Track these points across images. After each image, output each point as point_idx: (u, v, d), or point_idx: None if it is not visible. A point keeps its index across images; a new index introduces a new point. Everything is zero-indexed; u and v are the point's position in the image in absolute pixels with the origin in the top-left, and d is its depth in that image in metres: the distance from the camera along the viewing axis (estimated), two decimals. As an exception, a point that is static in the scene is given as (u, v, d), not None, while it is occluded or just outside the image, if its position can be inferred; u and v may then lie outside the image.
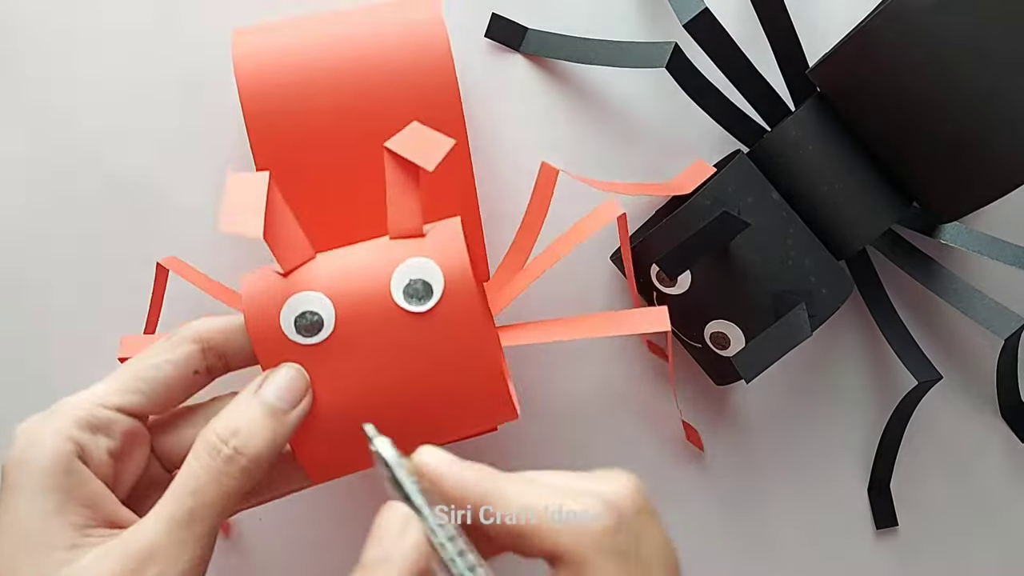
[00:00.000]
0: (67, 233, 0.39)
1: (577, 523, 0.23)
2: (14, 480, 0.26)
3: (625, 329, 0.32)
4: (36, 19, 0.39)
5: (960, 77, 0.33)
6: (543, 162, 0.35)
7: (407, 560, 0.23)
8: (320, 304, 0.28)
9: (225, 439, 0.26)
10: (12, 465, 0.26)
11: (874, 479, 0.42)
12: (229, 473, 0.26)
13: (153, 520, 0.26)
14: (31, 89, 0.39)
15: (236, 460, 0.26)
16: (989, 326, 0.38)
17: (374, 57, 0.34)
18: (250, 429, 0.26)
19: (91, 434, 0.27)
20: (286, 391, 0.27)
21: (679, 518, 0.42)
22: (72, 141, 0.39)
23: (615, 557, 0.23)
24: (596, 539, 0.23)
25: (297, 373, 0.28)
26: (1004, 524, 0.43)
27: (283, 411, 0.27)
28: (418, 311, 0.28)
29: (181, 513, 0.25)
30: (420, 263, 0.28)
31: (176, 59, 0.39)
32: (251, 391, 0.27)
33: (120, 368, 0.28)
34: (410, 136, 0.29)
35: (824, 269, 0.36)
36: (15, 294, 0.39)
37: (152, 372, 0.28)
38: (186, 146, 0.39)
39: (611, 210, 0.33)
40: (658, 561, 0.24)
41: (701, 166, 0.39)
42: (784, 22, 0.38)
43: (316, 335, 0.28)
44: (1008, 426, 0.43)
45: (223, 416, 0.27)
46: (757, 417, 0.42)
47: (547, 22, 0.41)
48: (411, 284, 0.28)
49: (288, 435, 0.27)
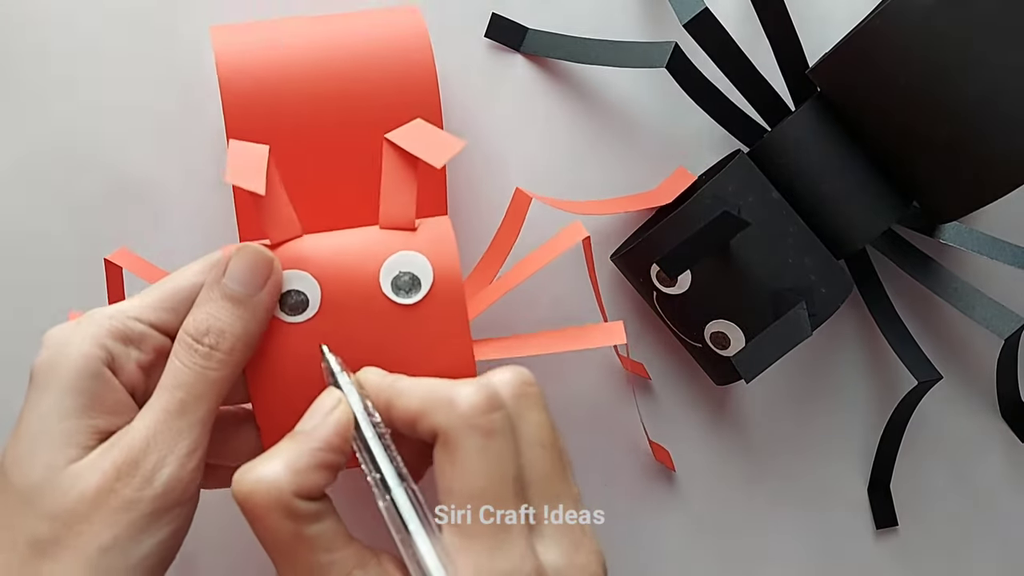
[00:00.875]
0: (67, 233, 0.39)
1: (454, 403, 0.25)
2: (42, 380, 0.27)
3: (583, 344, 0.33)
4: (36, 19, 0.39)
5: (960, 77, 0.33)
6: (517, 188, 0.35)
7: (328, 431, 0.25)
8: (307, 284, 0.29)
9: (198, 338, 0.27)
10: (41, 366, 0.27)
11: (874, 479, 0.42)
12: (210, 367, 0.27)
13: (148, 412, 0.27)
14: (30, 89, 0.39)
15: (213, 355, 0.27)
16: (989, 326, 0.38)
17: (355, 56, 0.34)
18: (220, 324, 0.27)
19: (123, 345, 0.27)
20: (248, 275, 0.28)
21: (679, 518, 0.42)
22: (72, 141, 0.39)
23: (482, 433, 0.24)
24: (465, 417, 0.25)
25: (256, 254, 0.28)
26: (1004, 524, 0.44)
27: (249, 295, 0.28)
28: (403, 303, 0.29)
29: (173, 404, 0.27)
30: (411, 257, 0.29)
31: (176, 59, 0.39)
32: (215, 280, 0.28)
33: (153, 285, 0.29)
34: (415, 132, 0.29)
35: (824, 269, 0.36)
36: (15, 294, 0.39)
37: (186, 292, 0.28)
38: (186, 146, 0.39)
39: (576, 232, 0.34)
40: (535, 440, 0.26)
41: (682, 174, 0.40)
42: (784, 22, 0.38)
43: (301, 314, 0.29)
44: (1008, 426, 0.43)
45: (193, 313, 0.28)
46: (757, 417, 0.42)
47: (547, 22, 0.41)
48: (400, 276, 0.29)
49: (261, 318, 0.28)
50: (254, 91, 0.33)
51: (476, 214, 0.40)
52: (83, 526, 0.25)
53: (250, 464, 0.25)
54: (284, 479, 0.24)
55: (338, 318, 0.29)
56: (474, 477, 0.24)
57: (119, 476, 0.26)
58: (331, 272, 0.29)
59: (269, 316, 0.28)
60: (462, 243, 0.39)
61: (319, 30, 0.35)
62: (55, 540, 0.25)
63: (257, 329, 0.28)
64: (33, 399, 0.27)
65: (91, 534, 0.25)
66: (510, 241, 0.35)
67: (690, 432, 0.42)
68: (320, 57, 0.34)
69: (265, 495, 0.24)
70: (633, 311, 0.41)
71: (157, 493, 0.26)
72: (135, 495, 0.26)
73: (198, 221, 0.39)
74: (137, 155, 0.39)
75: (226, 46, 0.33)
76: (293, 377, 0.28)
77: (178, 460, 0.26)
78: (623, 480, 0.41)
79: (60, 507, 0.25)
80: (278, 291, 0.28)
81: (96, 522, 0.25)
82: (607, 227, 0.41)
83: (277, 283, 0.28)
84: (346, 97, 0.33)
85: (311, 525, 0.24)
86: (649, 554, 0.42)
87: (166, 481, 0.26)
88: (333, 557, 0.24)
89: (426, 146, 0.29)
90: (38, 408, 0.26)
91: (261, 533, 0.24)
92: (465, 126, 0.40)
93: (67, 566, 0.25)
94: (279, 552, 0.24)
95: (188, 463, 0.27)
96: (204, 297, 0.28)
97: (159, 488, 0.26)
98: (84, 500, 0.25)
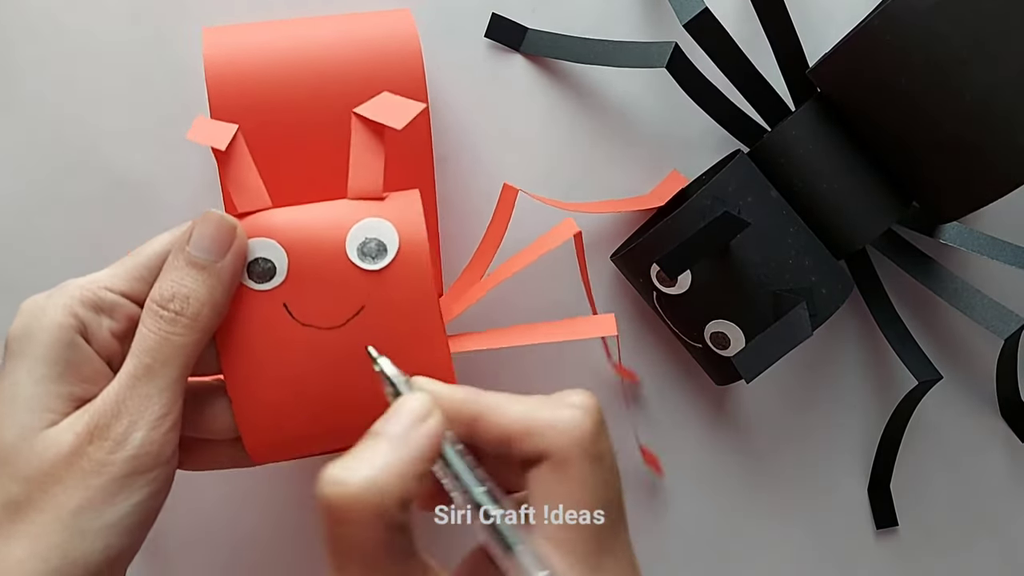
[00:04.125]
0: (66, 232, 0.39)
1: (564, 427, 0.24)
2: (16, 349, 0.27)
3: (576, 335, 0.33)
4: (35, 19, 0.39)
5: (960, 77, 0.33)
6: (505, 183, 0.36)
7: (426, 441, 0.24)
8: (273, 252, 0.29)
9: (163, 304, 0.28)
10: (15, 335, 0.27)
11: (874, 479, 0.42)
12: (175, 332, 0.27)
13: (117, 379, 0.27)
14: (30, 89, 0.39)
15: (179, 320, 0.28)
16: (989, 326, 0.38)
17: (344, 59, 0.34)
18: (184, 291, 0.28)
19: (95, 314, 0.28)
20: (211, 241, 0.28)
21: (678, 518, 0.42)
22: (72, 141, 0.39)
23: (593, 459, 0.25)
24: (579, 441, 0.24)
25: (219, 220, 0.28)
26: (1004, 524, 0.44)
27: (212, 261, 0.28)
28: (370, 269, 0.29)
29: (140, 369, 0.27)
30: (377, 223, 0.29)
31: (176, 59, 0.39)
32: (179, 247, 0.28)
33: (125, 257, 0.29)
34: (379, 102, 0.30)
35: (824, 269, 0.36)
36: (15, 294, 0.39)
37: (156, 261, 0.29)
38: (185, 146, 0.39)
39: (568, 229, 0.35)
40: (615, 469, 0.26)
41: (675, 177, 0.40)
42: (784, 22, 0.38)
43: (268, 281, 0.29)
44: (1008, 426, 0.43)
45: (159, 281, 0.28)
46: (757, 417, 0.42)
47: (547, 22, 0.41)
48: (366, 242, 0.29)
49: (226, 283, 0.28)
50: (242, 93, 0.33)
51: (476, 214, 0.40)
52: (56, 488, 0.26)
53: (348, 464, 0.23)
54: (394, 487, 0.23)
55: (306, 285, 0.29)
56: (585, 499, 0.24)
57: (91, 439, 0.26)
58: (298, 239, 0.29)
59: (235, 282, 0.29)
60: (461, 242, 0.39)
61: (310, 33, 0.35)
62: (28, 501, 0.26)
63: (223, 295, 0.28)
64: (8, 367, 0.27)
65: (64, 496, 0.26)
66: (499, 235, 0.36)
67: (690, 432, 0.42)
68: (309, 60, 0.34)
69: (371, 502, 0.22)
70: (633, 311, 0.41)
71: (128, 455, 0.26)
72: (107, 458, 0.26)
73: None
74: (137, 155, 0.39)
75: (215, 48, 0.34)
76: (262, 344, 0.29)
77: (149, 424, 0.27)
78: (623, 480, 0.41)
79: (33, 469, 0.26)
80: (243, 257, 0.29)
81: (69, 484, 0.26)
82: (607, 227, 0.41)
83: (241, 249, 0.29)
84: (333, 99, 0.34)
85: (401, 535, 0.23)
86: (649, 554, 0.42)
87: (139, 444, 0.27)
88: (407, 568, 0.23)
89: (389, 112, 0.30)
90: (13, 375, 0.27)
91: (347, 537, 0.23)
92: (465, 126, 0.40)
93: (41, 527, 0.26)
94: (358, 558, 0.23)
95: (160, 427, 0.27)
96: (169, 264, 0.28)
97: (131, 451, 0.26)
98: (57, 463, 0.26)
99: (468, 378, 0.32)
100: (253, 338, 0.29)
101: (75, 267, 0.39)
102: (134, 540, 0.27)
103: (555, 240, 0.34)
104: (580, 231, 0.35)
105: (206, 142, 0.28)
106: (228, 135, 0.29)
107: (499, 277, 0.34)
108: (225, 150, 0.29)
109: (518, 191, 0.36)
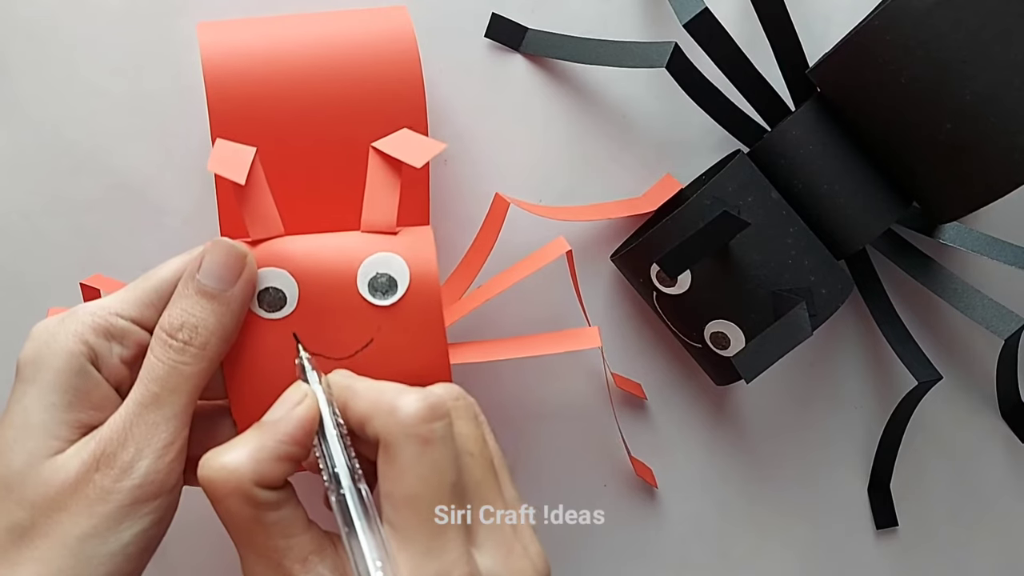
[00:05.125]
0: (67, 233, 0.39)
1: (394, 412, 0.26)
2: (27, 374, 0.27)
3: (560, 348, 0.34)
4: (35, 19, 0.39)
5: (960, 77, 0.33)
6: (497, 194, 0.36)
7: (292, 425, 0.26)
8: (285, 282, 0.29)
9: (172, 333, 0.28)
10: (26, 361, 0.27)
11: (874, 479, 0.42)
12: (184, 361, 0.28)
13: (124, 406, 0.27)
14: (30, 89, 0.39)
15: (187, 350, 0.28)
16: (989, 326, 0.38)
17: (341, 55, 0.34)
18: (193, 320, 0.28)
19: (105, 341, 0.28)
20: (221, 269, 0.28)
21: (678, 518, 0.42)
22: (71, 141, 0.39)
23: (420, 442, 0.25)
24: (404, 425, 0.25)
25: (229, 248, 0.28)
26: (1004, 524, 0.44)
27: (222, 291, 0.28)
28: (380, 304, 0.29)
29: (147, 398, 0.27)
30: (390, 259, 0.29)
31: (176, 59, 0.39)
32: (189, 275, 0.28)
33: (136, 281, 0.29)
34: (399, 138, 0.30)
35: (824, 269, 0.36)
36: (15, 294, 0.39)
37: (166, 287, 0.29)
38: (185, 146, 0.39)
39: (559, 247, 0.35)
40: (464, 449, 0.27)
41: (668, 181, 0.40)
42: (784, 22, 0.38)
43: (278, 311, 0.29)
44: (1008, 426, 0.43)
45: (168, 309, 0.28)
46: (757, 417, 0.42)
47: (547, 22, 0.41)
48: (377, 277, 0.29)
49: (236, 312, 0.28)
50: (239, 89, 0.33)
51: (476, 214, 0.40)
52: (62, 515, 0.26)
53: (216, 451, 0.26)
54: (245, 468, 0.25)
55: (315, 317, 0.29)
56: (411, 483, 0.25)
57: (98, 467, 0.26)
58: (309, 270, 0.29)
59: (244, 311, 0.29)
60: (460, 245, 0.39)
61: (306, 28, 0.35)
62: (33, 527, 0.26)
63: (232, 324, 0.28)
64: (19, 392, 0.27)
65: (69, 522, 0.26)
66: (488, 245, 0.36)
67: (689, 432, 0.42)
68: (306, 55, 0.34)
69: (226, 482, 0.25)
70: (633, 311, 0.41)
71: (135, 484, 0.27)
72: (113, 486, 0.26)
73: (197, 221, 0.39)
74: (137, 155, 0.39)
75: (212, 44, 0.34)
76: (269, 373, 0.29)
77: (155, 453, 0.27)
78: (624, 480, 0.41)
79: (40, 495, 0.26)
80: (252, 286, 0.29)
81: (74, 511, 0.26)
82: (606, 227, 0.41)
83: (251, 278, 0.29)
84: (331, 95, 0.33)
85: (270, 512, 0.25)
86: (649, 554, 0.42)
87: (144, 473, 0.27)
88: (291, 542, 0.25)
89: (408, 149, 0.30)
90: (23, 401, 0.27)
91: (222, 516, 0.26)
92: (464, 126, 0.40)
93: (46, 552, 0.26)
94: (238, 535, 0.26)
95: (166, 455, 0.27)
96: (179, 293, 0.28)
97: (137, 479, 0.27)
98: (63, 490, 0.26)
99: (467, 380, 0.32)
100: (260, 366, 0.29)
101: (76, 268, 0.39)
102: (138, 566, 0.27)
103: (546, 258, 0.35)
104: (571, 249, 0.35)
105: (228, 174, 0.28)
106: (246, 163, 0.28)
107: (489, 292, 0.34)
108: None
109: (509, 204, 0.36)
